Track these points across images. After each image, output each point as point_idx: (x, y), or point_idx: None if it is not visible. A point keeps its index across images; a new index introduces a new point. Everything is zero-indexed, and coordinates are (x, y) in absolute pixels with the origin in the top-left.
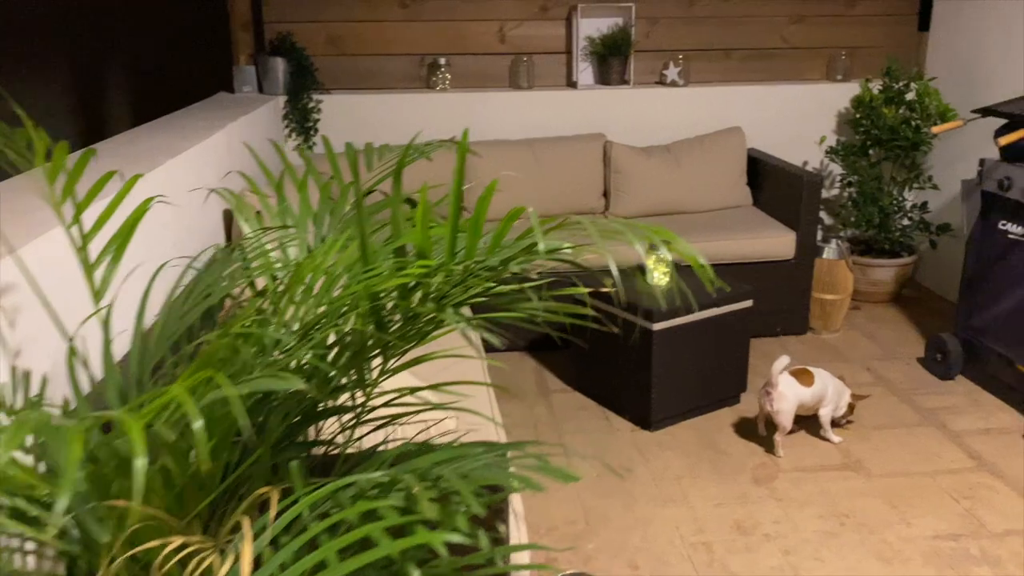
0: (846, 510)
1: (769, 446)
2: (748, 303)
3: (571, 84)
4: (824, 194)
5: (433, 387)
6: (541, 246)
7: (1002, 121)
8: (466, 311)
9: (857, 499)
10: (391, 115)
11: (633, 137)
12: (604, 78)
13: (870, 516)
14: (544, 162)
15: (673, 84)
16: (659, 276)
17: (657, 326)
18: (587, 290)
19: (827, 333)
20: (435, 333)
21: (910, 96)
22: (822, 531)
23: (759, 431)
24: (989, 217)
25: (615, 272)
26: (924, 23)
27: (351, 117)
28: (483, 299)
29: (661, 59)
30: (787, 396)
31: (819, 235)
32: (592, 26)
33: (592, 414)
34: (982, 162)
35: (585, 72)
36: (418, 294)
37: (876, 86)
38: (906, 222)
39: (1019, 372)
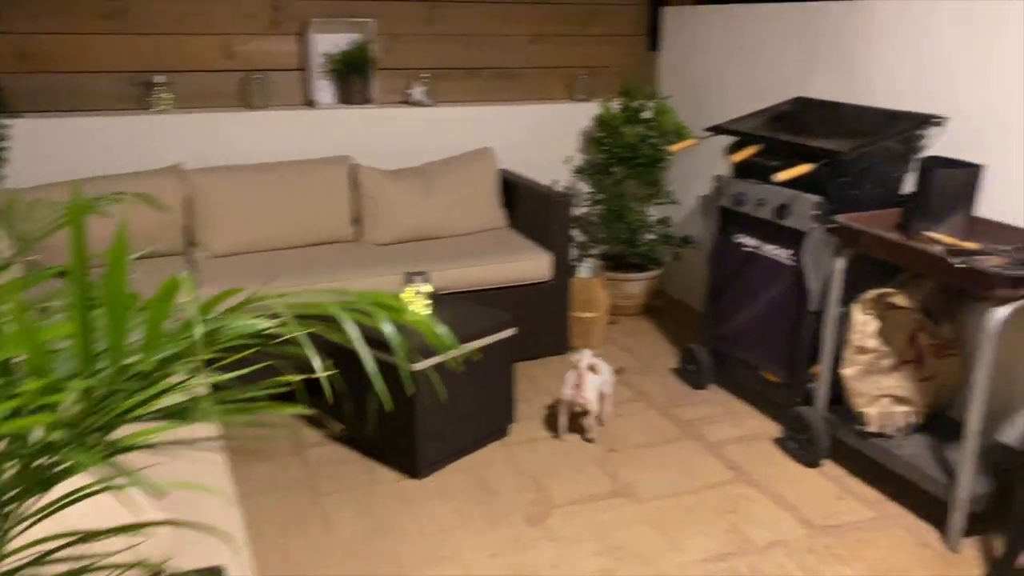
0: (621, 542)
1: (567, 449)
2: (511, 332)
3: (309, 103)
4: (576, 212)
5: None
6: (197, 332)
7: (734, 138)
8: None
9: (630, 528)
10: (101, 140)
11: (381, 159)
12: (346, 97)
13: (644, 545)
14: (284, 189)
15: (419, 104)
16: (417, 311)
17: (417, 365)
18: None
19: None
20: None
21: (647, 115)
22: (600, 569)
23: (560, 426)
24: (726, 231)
25: (359, 341)
26: (653, 43)
27: (51, 143)
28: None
29: (405, 77)
30: (592, 386)
31: (574, 254)
32: (329, 42)
33: (354, 468)
34: (717, 179)
35: (325, 91)
36: (38, 428)
37: (616, 105)
38: (651, 236)
39: (765, 379)
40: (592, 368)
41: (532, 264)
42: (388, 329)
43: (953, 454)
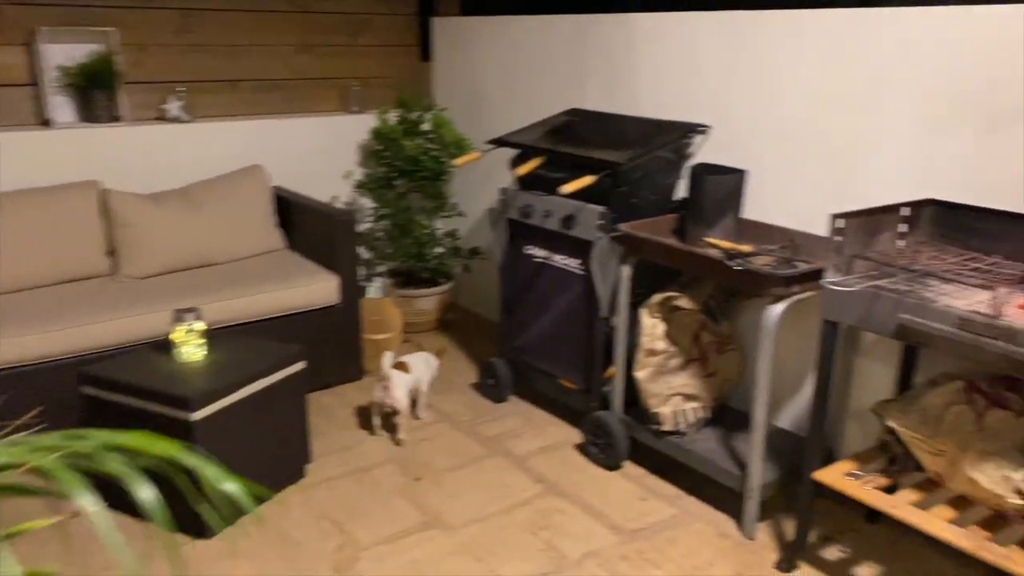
0: None
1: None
2: (300, 365)
3: (45, 122)
4: (361, 229)
5: None
6: None
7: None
8: None
9: (445, 561)
10: None
11: (137, 182)
12: (89, 115)
13: None
14: (21, 220)
15: (176, 120)
16: (191, 351)
17: (197, 415)
18: None
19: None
20: None
21: (426, 126)
22: None
23: (374, 425)
24: (516, 243)
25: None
26: (425, 54)
27: None
28: None
29: (159, 92)
30: (399, 384)
31: (362, 273)
32: (63, 53)
33: (134, 533)
34: (504, 191)
35: (63, 108)
36: None
37: (394, 117)
38: (440, 250)
39: (563, 386)
40: (401, 366)
41: (317, 288)
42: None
43: (742, 445)
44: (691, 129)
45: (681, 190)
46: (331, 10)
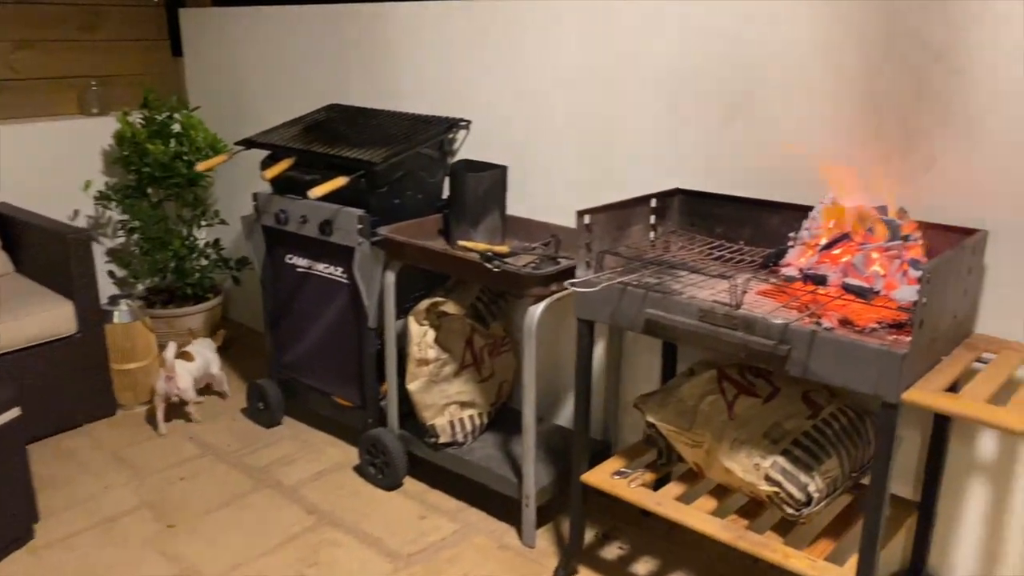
0: None
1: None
2: (13, 413)
3: None
4: (108, 246)
5: None
6: None
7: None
8: None
9: None
10: None
11: None
12: None
13: None
14: None
15: None
16: None
17: None
18: None
19: (140, 406)
20: None
21: (176, 128)
22: None
23: (159, 421)
24: (275, 251)
25: None
26: (176, 48)
27: None
28: None
29: None
30: (184, 375)
31: (108, 296)
32: None
33: None
34: (256, 196)
35: None
36: None
37: (139, 119)
38: (204, 262)
39: (337, 403)
40: (185, 356)
41: (50, 316)
42: None
43: (520, 448)
44: (452, 124)
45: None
46: (57, 0)
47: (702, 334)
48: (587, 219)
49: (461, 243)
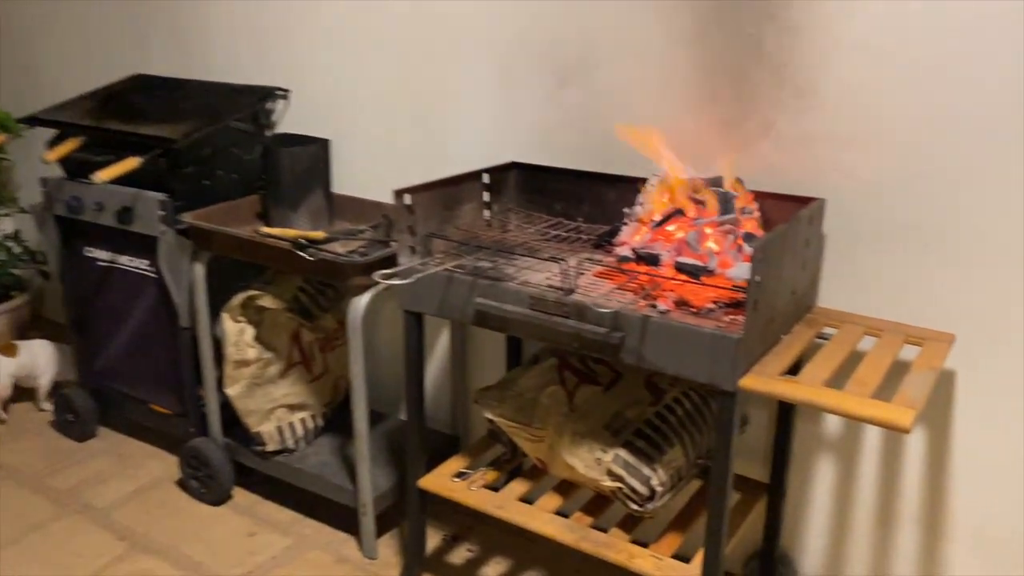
0: None
1: None
2: None
3: None
4: None
5: None
6: None
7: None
8: None
9: None
10: None
11: None
12: None
13: None
14: None
15: None
16: None
17: None
18: None
19: None
20: None
21: None
22: None
23: None
24: (72, 244)
25: None
26: None
27: None
28: None
29: None
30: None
31: None
32: None
33: None
34: (45, 182)
35: None
36: None
37: None
38: (3, 256)
39: (156, 412)
40: (8, 349)
41: None
42: None
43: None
44: (267, 94)
45: None
46: None
47: (534, 324)
48: (408, 199)
49: (266, 230)
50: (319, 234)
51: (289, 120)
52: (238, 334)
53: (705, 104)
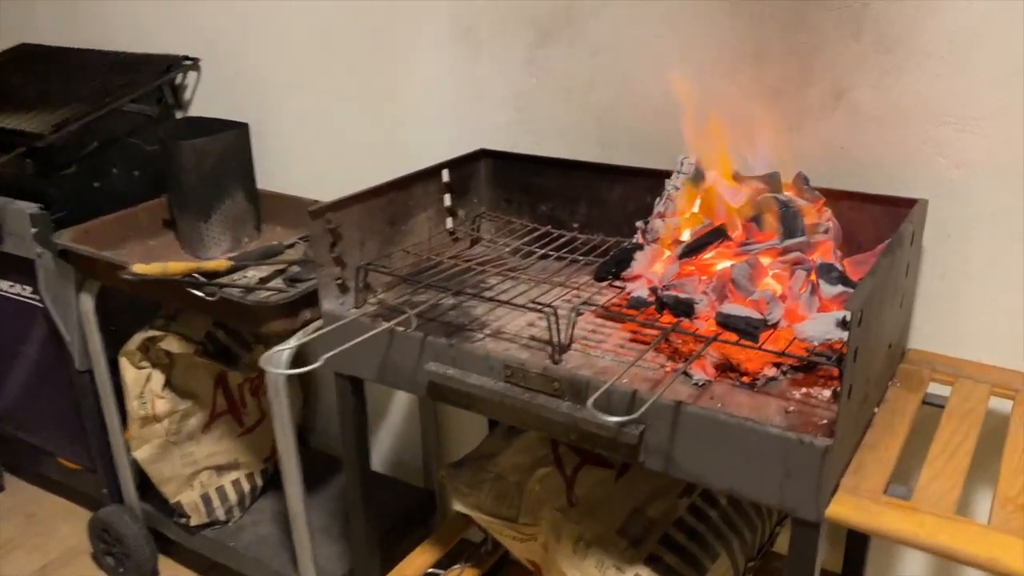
0: None
1: None
2: None
3: None
4: None
5: None
6: None
7: None
8: None
9: None
10: None
11: None
12: None
13: None
14: None
15: None
16: None
17: None
18: None
19: None
20: None
21: None
22: None
23: None
24: None
25: None
26: None
27: None
28: None
29: None
30: None
31: None
32: None
33: None
34: None
35: None
36: None
37: None
38: None
39: (64, 467)
40: None
41: None
42: None
43: (315, 513)
44: (171, 65)
45: None
46: None
47: (510, 405)
48: (331, 220)
49: (137, 270)
50: (220, 264)
51: (202, 99)
52: (142, 383)
53: (745, 63)
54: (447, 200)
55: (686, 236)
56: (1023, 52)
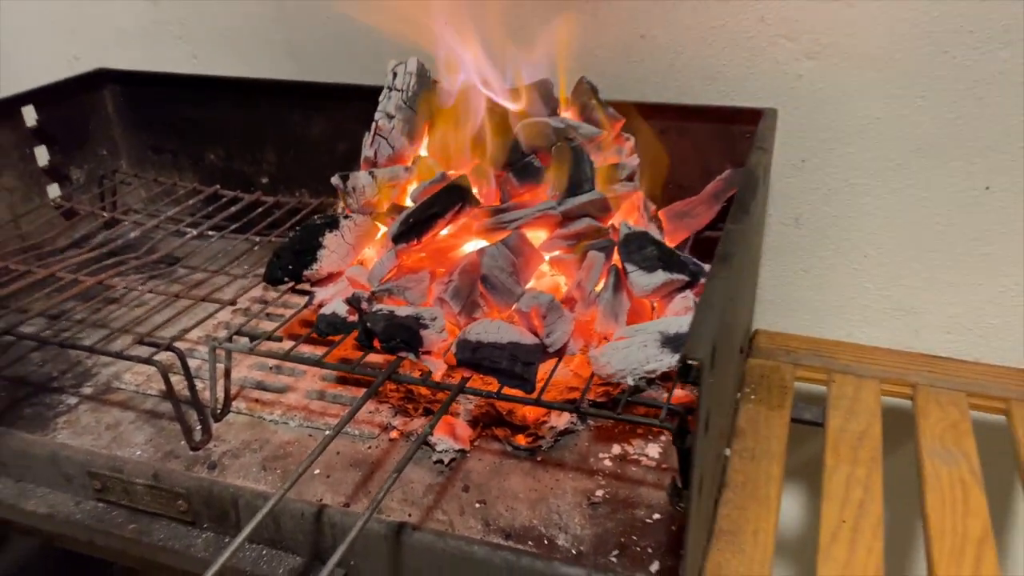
0: None
1: None
2: None
3: None
4: None
5: None
6: None
7: None
8: None
9: None
10: None
11: None
12: None
13: None
14: None
15: None
16: None
17: None
18: None
19: None
20: None
21: None
22: None
23: None
24: None
25: None
26: None
27: None
28: None
29: None
30: None
31: None
32: None
33: None
34: None
35: None
36: None
37: None
38: None
39: None
40: None
41: None
42: None
43: None
44: None
45: None
46: None
47: (105, 545)
48: None
49: None
50: None
51: None
52: None
53: None
54: (44, 157)
55: (409, 203)
56: None
